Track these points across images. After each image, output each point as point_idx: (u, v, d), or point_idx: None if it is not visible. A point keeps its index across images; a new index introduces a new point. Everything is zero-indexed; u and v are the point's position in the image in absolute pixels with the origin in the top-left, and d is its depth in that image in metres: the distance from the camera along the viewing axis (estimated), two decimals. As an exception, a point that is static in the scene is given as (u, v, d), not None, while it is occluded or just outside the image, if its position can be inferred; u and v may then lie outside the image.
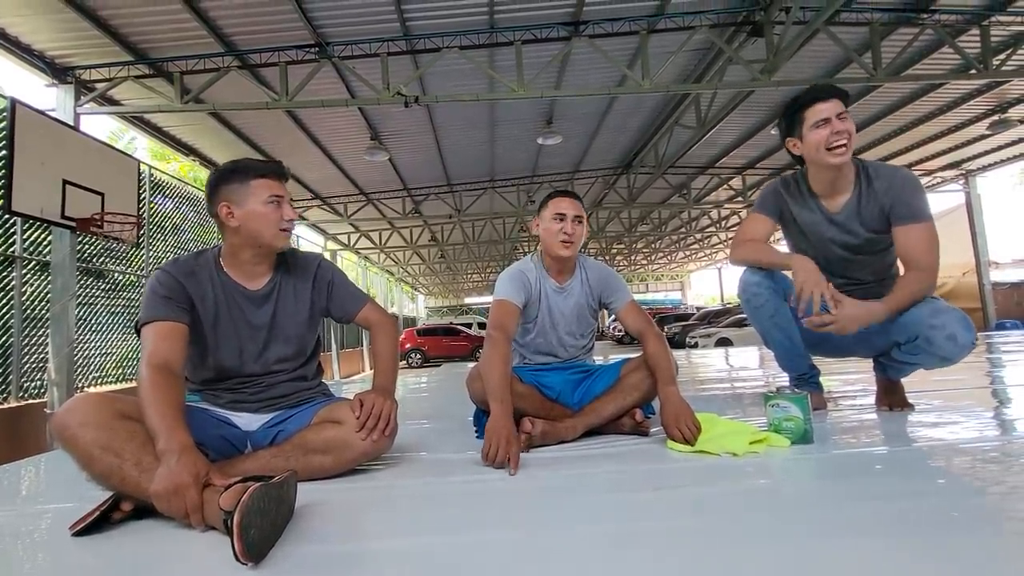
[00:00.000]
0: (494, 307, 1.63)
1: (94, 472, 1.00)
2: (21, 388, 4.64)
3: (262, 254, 1.33)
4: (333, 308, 1.45)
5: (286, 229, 1.31)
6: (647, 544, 0.84)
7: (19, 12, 4.48)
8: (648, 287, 36.08)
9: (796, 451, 1.33)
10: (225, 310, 1.30)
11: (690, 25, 5.59)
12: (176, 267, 1.28)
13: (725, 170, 11.32)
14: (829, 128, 1.56)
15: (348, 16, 5.18)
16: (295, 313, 1.37)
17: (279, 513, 0.92)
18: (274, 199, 1.29)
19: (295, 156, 8.57)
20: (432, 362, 15.58)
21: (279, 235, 1.30)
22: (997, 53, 6.12)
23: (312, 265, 1.44)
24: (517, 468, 1.27)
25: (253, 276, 1.34)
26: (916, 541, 0.80)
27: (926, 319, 1.50)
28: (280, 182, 1.33)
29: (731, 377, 3.35)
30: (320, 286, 1.42)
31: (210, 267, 1.32)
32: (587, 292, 1.73)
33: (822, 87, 1.62)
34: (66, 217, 4.26)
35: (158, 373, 1.10)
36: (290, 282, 1.38)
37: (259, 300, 1.34)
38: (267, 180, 1.30)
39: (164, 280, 1.25)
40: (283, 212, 1.30)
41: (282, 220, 1.30)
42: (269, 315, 1.34)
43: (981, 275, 11.42)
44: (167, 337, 1.18)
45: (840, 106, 1.58)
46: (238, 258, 1.33)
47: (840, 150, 1.57)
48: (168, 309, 1.21)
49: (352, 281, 1.51)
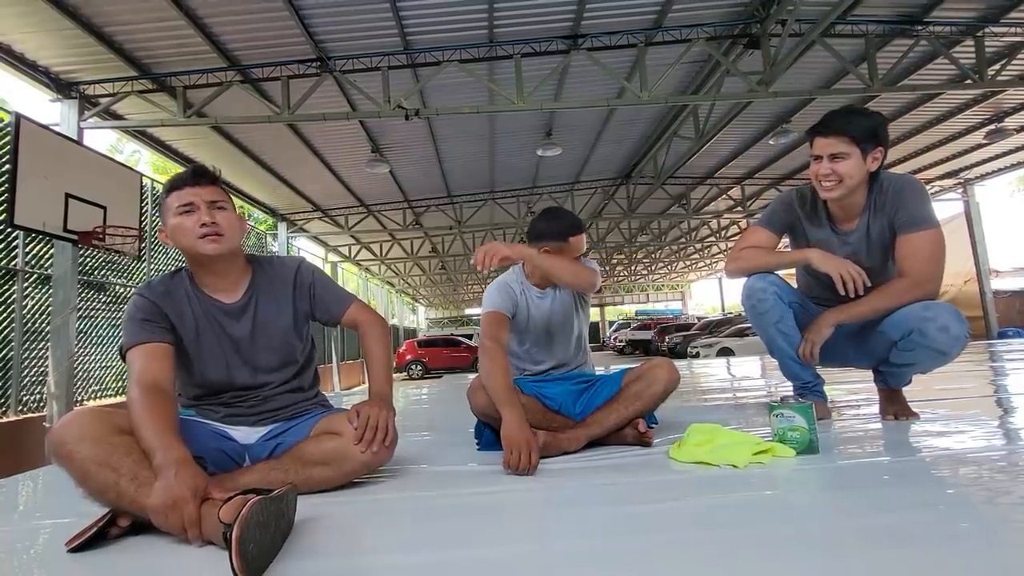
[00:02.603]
0: (484, 319, 1.66)
1: (91, 488, 0.99)
2: (20, 402, 4.62)
3: (214, 266, 1.28)
4: (317, 311, 1.40)
5: (206, 235, 1.22)
6: (652, 557, 0.82)
7: (25, 28, 4.55)
8: (649, 297, 36.07)
9: (802, 461, 1.31)
10: (206, 325, 1.28)
11: (687, 38, 5.65)
12: (151, 290, 1.26)
13: (724, 180, 11.38)
14: (820, 165, 1.58)
15: (349, 31, 5.24)
16: (277, 322, 1.34)
17: (278, 527, 0.90)
18: (184, 208, 1.23)
19: (297, 169, 8.64)
20: (433, 373, 15.53)
21: (199, 242, 1.22)
22: (992, 63, 6.19)
23: (291, 270, 1.39)
24: (534, 473, 1.30)
25: (225, 289, 1.31)
26: (926, 553, 0.79)
27: (918, 312, 1.52)
28: (192, 188, 1.24)
29: (733, 387, 3.33)
30: (301, 291, 1.38)
31: (185, 285, 1.30)
32: (570, 292, 1.75)
33: (831, 120, 1.58)
34: (68, 230, 4.28)
35: (148, 393, 1.09)
36: (268, 291, 1.35)
37: (236, 313, 1.31)
38: (177, 192, 1.24)
39: (140, 304, 1.23)
40: (197, 218, 1.22)
41: (196, 227, 1.21)
42: (249, 327, 1.31)
43: (982, 283, 11.40)
44: (153, 357, 1.17)
45: (838, 145, 1.55)
46: (200, 274, 1.30)
47: (828, 187, 1.58)
48: (149, 331, 1.20)
49: (335, 281, 1.47)
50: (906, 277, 1.57)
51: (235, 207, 1.32)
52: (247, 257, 1.37)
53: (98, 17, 4.60)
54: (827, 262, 1.58)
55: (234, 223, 1.28)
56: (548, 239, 1.66)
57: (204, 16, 4.78)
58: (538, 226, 1.70)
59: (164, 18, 4.66)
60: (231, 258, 1.30)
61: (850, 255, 1.65)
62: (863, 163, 1.56)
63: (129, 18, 4.64)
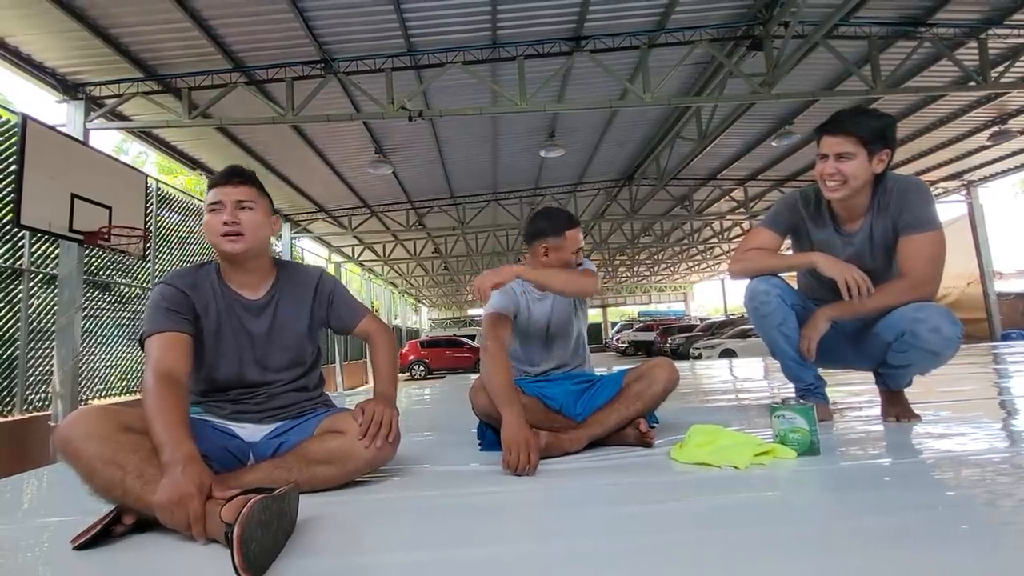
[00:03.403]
0: (486, 320, 1.66)
1: (96, 485, 1.00)
2: (26, 400, 4.65)
3: (239, 263, 1.33)
4: (333, 320, 1.46)
5: (226, 233, 1.26)
6: (653, 557, 0.83)
7: (32, 30, 4.58)
8: (651, 298, 36.00)
9: (803, 463, 1.31)
10: (226, 319, 1.31)
11: (690, 39, 5.66)
12: (179, 279, 1.29)
13: (727, 182, 11.37)
14: (826, 164, 1.57)
15: (353, 32, 5.27)
16: (294, 323, 1.39)
17: (280, 526, 0.91)
18: (214, 206, 1.28)
19: (300, 170, 8.67)
20: (435, 374, 15.54)
21: (220, 240, 1.27)
22: (996, 65, 6.17)
23: (314, 277, 1.46)
24: (534, 472, 1.29)
25: (250, 286, 1.36)
26: (927, 555, 0.79)
27: (910, 314, 1.52)
28: (222, 187, 1.29)
29: (735, 388, 3.33)
30: (321, 299, 1.44)
31: (212, 278, 1.33)
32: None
33: (840, 119, 1.56)
34: (74, 230, 4.31)
35: (163, 383, 1.10)
36: (290, 293, 1.40)
37: (257, 310, 1.35)
38: (211, 190, 1.31)
39: (167, 293, 1.26)
40: (222, 217, 1.27)
41: (219, 225, 1.27)
42: (267, 325, 1.35)
43: (985, 285, 11.35)
44: (172, 347, 1.19)
45: (845, 145, 1.53)
46: (227, 269, 1.35)
47: (832, 187, 1.57)
48: (171, 321, 1.22)
49: (352, 294, 1.53)
50: (906, 277, 1.56)
51: (267, 209, 1.36)
52: (274, 259, 1.42)
53: (104, 19, 4.64)
54: (832, 267, 1.57)
55: (258, 223, 1.31)
56: (545, 236, 1.68)
57: (209, 18, 4.81)
58: (536, 225, 1.72)
59: (170, 20, 4.69)
60: (256, 256, 1.34)
61: (853, 256, 1.65)
62: (869, 164, 1.55)
63: (135, 20, 4.68)
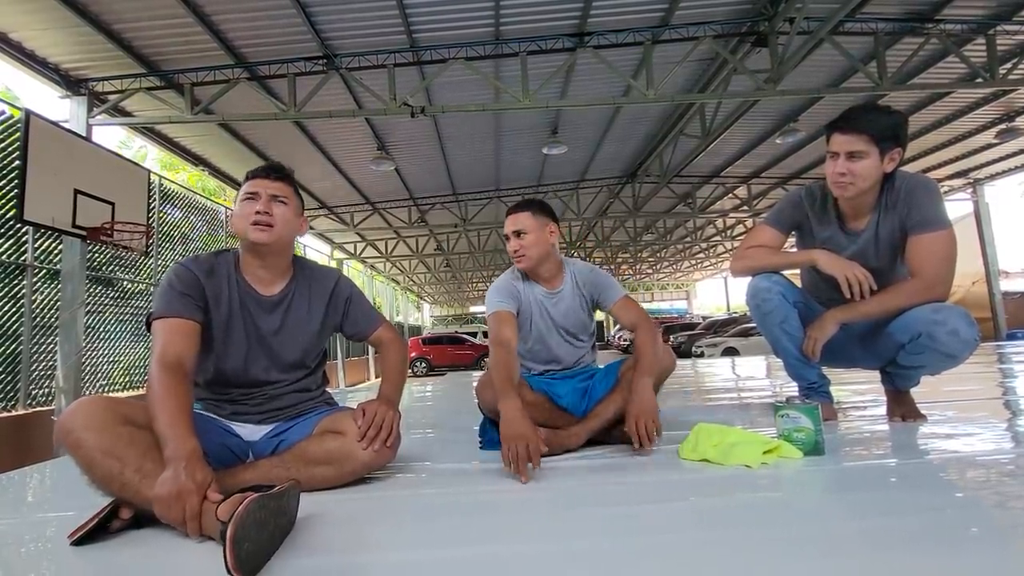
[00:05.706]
0: (490, 320, 1.64)
1: (95, 476, 1.00)
2: (29, 395, 4.67)
3: (261, 256, 1.31)
4: (347, 326, 1.45)
5: (256, 223, 1.26)
6: (655, 558, 0.82)
7: (35, 26, 4.58)
8: (653, 296, 35.96)
9: (808, 463, 1.30)
10: (238, 313, 1.29)
11: (694, 36, 5.62)
12: (197, 264, 1.27)
13: (730, 179, 11.31)
14: (836, 163, 1.54)
15: (355, 28, 5.25)
16: (305, 324, 1.36)
17: (278, 525, 0.90)
18: (248, 195, 1.29)
19: (303, 166, 8.65)
20: (437, 371, 15.56)
21: (249, 228, 1.26)
22: (1004, 62, 6.11)
23: (331, 280, 1.43)
24: (537, 465, 1.25)
25: (266, 282, 1.34)
26: (934, 557, 0.78)
27: (928, 315, 1.49)
28: (260, 180, 1.30)
29: (738, 387, 3.31)
30: (337, 303, 1.42)
31: (229, 267, 1.31)
32: (579, 294, 1.75)
33: (851, 116, 1.52)
34: (77, 226, 4.32)
35: (170, 373, 1.09)
36: (305, 293, 1.38)
37: (270, 306, 1.33)
38: (250, 181, 1.31)
39: (183, 275, 1.23)
40: (255, 206, 1.27)
41: (251, 214, 1.26)
42: (278, 322, 1.33)
43: (991, 284, 11.29)
44: (181, 333, 1.17)
45: (856, 143, 1.49)
46: (247, 260, 1.33)
47: (841, 185, 1.54)
48: (184, 306, 1.20)
49: (367, 300, 1.51)
50: (918, 278, 1.54)
51: (298, 208, 1.36)
52: (294, 258, 1.41)
53: (107, 15, 4.63)
54: (833, 264, 1.56)
55: (288, 219, 1.31)
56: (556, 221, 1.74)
57: (212, 14, 4.80)
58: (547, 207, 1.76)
59: (172, 16, 4.68)
60: (278, 252, 1.33)
61: (857, 254, 1.63)
62: (880, 163, 1.52)
63: (138, 16, 4.67)
